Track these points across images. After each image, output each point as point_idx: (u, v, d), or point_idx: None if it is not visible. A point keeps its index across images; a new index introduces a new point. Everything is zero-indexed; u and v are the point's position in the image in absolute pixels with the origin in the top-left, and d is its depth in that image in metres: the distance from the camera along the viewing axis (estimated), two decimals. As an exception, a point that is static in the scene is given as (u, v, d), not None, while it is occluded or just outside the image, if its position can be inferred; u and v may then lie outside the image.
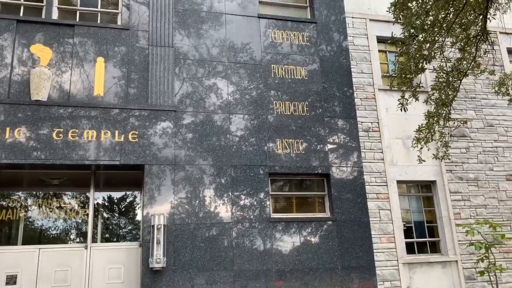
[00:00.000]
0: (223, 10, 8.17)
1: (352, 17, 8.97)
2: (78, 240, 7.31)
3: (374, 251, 7.57)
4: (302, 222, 7.38)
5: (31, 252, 6.91)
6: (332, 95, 8.26)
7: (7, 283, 6.66)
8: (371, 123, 8.45)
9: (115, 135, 7.00)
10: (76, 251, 7.05)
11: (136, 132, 7.10)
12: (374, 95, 8.64)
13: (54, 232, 7.33)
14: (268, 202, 7.33)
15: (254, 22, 8.27)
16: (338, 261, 7.31)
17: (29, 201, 7.32)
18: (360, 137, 8.20)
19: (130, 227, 7.69)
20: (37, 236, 7.28)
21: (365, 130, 8.35)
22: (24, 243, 7.09)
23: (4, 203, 7.13)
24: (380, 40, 8.98)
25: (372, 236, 7.65)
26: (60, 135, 6.78)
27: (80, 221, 7.37)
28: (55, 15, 7.56)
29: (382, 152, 8.28)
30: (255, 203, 7.27)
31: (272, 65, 8.14)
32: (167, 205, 6.90)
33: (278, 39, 8.34)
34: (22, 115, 6.72)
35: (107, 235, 7.49)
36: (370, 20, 9.09)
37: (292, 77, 8.19)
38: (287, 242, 7.22)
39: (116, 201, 7.73)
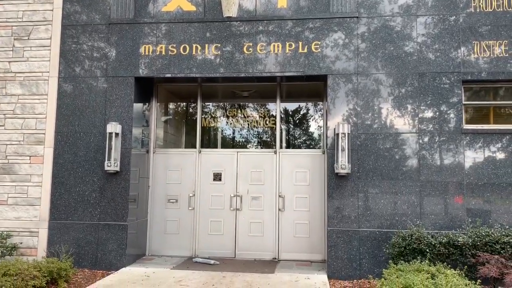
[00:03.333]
0: None
1: None
2: (267, 145, 8.08)
3: None
4: (501, 134, 6.67)
5: (230, 155, 7.96)
6: (550, -18, 6.76)
7: (214, 179, 7.92)
8: None
9: (299, 47, 7.14)
10: (266, 155, 7.85)
11: (319, 43, 7.10)
12: None
13: (246, 138, 8.23)
14: (460, 113, 6.76)
15: None
16: (544, 177, 6.54)
17: (224, 111, 8.26)
18: None
19: (310, 135, 8.11)
20: (231, 141, 8.29)
21: None
22: (223, 147, 8.20)
23: (205, 113, 8.20)
24: None
25: None
26: (250, 49, 7.23)
27: (267, 129, 8.07)
28: None
29: None
30: (443, 113, 6.80)
31: (469, -47, 6.98)
32: (349, 115, 6.95)
33: None
34: (216, 31, 7.32)
35: (290, 142, 8.08)
36: None
37: (496, -35, 6.91)
38: (481, 155, 6.68)
39: (297, 111, 8.16)
